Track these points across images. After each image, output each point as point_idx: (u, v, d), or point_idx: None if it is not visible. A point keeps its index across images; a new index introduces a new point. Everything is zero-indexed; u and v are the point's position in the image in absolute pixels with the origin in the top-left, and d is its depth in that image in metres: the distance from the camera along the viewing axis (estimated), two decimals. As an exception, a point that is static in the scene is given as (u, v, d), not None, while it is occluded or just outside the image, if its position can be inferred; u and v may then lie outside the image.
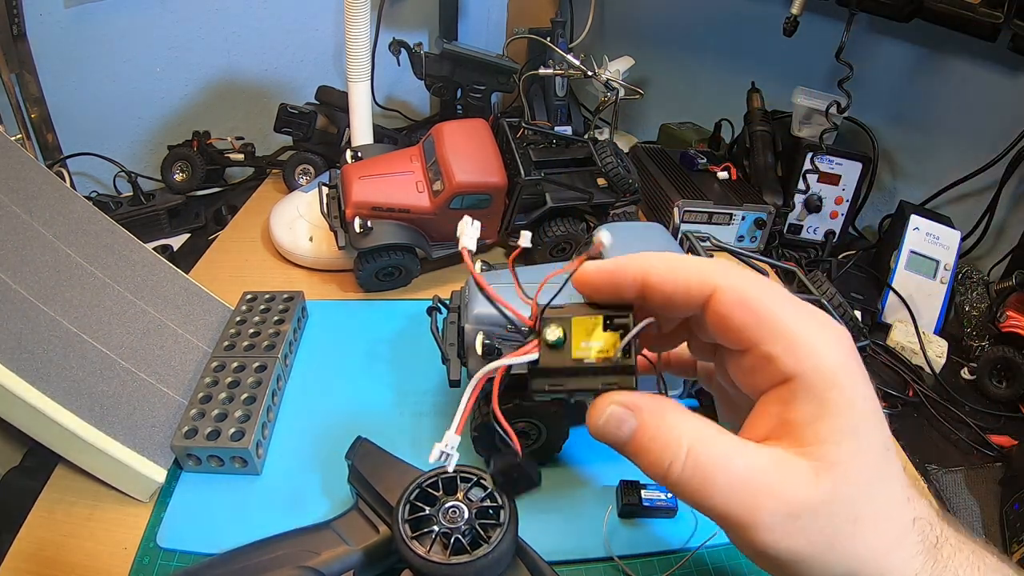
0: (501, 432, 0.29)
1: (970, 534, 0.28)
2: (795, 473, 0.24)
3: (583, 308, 0.27)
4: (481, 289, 0.29)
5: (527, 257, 0.77)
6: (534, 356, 0.26)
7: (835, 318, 0.53)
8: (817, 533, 0.24)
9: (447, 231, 0.72)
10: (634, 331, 0.26)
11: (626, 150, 0.95)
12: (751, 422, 0.27)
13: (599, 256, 0.28)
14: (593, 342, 0.26)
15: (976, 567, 0.26)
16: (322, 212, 0.72)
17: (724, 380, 0.31)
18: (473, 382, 0.28)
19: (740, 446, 0.25)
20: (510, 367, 0.27)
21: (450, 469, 0.29)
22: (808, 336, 0.25)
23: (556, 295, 0.27)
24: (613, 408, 0.26)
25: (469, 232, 0.32)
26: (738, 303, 0.25)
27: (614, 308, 0.27)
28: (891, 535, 0.25)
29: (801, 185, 0.85)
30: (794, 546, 0.24)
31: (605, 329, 0.26)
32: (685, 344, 0.31)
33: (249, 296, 0.65)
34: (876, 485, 0.25)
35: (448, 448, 0.28)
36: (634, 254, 0.27)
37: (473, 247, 0.31)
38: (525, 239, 0.32)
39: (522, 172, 0.68)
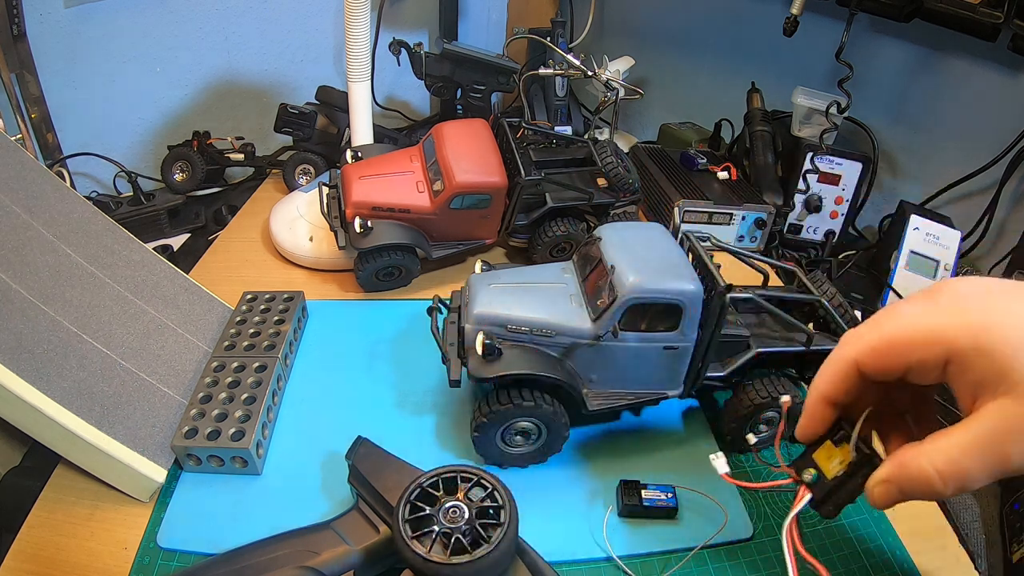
0: (810, 568, 0.35)
1: None
2: (1005, 412, 0.28)
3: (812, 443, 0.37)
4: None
5: (526, 257, 0.77)
6: (808, 497, 0.36)
7: (834, 318, 0.53)
8: None
9: (447, 231, 0.72)
10: (854, 435, 0.34)
11: (626, 150, 0.95)
12: (960, 400, 0.31)
13: None
14: (835, 460, 0.35)
15: None
16: (322, 212, 0.72)
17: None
18: (785, 532, 0.36)
19: (963, 430, 0.29)
20: (800, 511, 0.36)
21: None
22: (934, 324, 0.30)
23: (801, 455, 0.38)
24: (877, 491, 0.32)
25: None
26: (874, 356, 0.32)
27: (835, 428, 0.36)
28: None
29: (801, 185, 0.85)
30: None
31: (836, 445, 0.35)
32: None
33: (249, 296, 0.65)
34: None
35: None
36: (813, 399, 0.36)
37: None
38: (721, 464, 0.43)
39: (522, 172, 0.68)
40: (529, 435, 0.51)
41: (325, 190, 0.73)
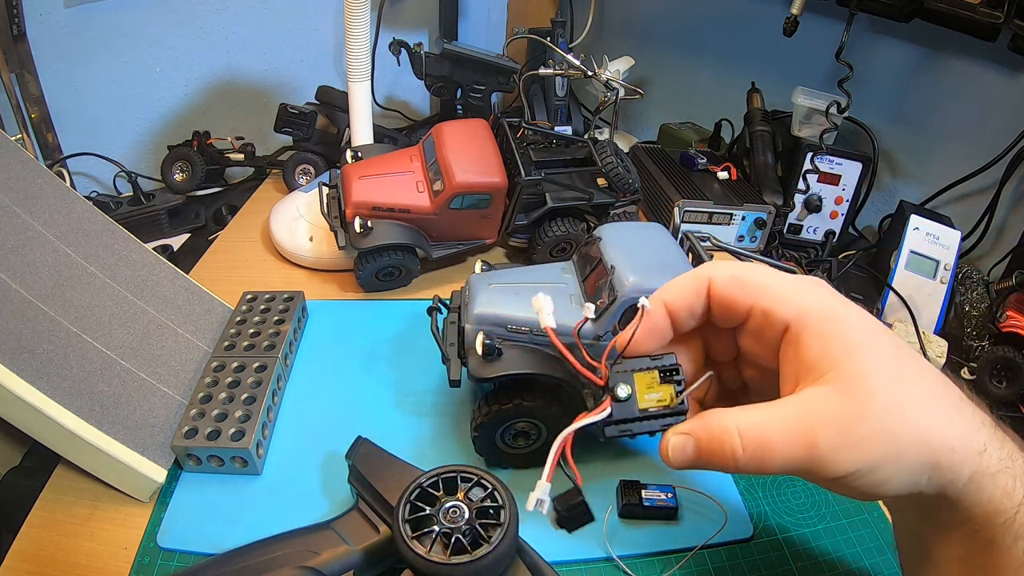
0: (568, 473, 0.34)
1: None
2: (823, 400, 0.28)
3: (638, 363, 0.33)
4: (561, 355, 0.35)
5: (526, 257, 0.77)
6: (607, 412, 0.32)
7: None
8: (877, 432, 0.27)
9: (447, 231, 0.72)
10: (694, 386, 0.33)
11: (626, 150, 0.95)
12: (783, 382, 0.31)
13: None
14: (653, 393, 0.33)
15: None
16: (322, 212, 0.72)
17: (752, 372, 0.36)
18: (559, 441, 0.33)
19: (775, 406, 0.29)
20: (586, 426, 0.32)
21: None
22: (790, 288, 0.31)
23: (616, 359, 0.33)
24: (674, 440, 0.31)
25: (547, 309, 0.37)
26: (730, 281, 0.32)
27: (665, 362, 0.33)
28: (945, 411, 0.28)
29: (801, 185, 0.85)
30: (863, 454, 0.27)
31: (662, 381, 0.33)
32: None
33: (249, 296, 0.65)
34: (907, 374, 0.28)
35: (543, 495, 0.33)
36: (652, 298, 0.34)
37: (553, 324, 0.36)
38: (589, 311, 0.39)
39: (522, 172, 0.68)
40: (529, 435, 0.51)
41: (325, 190, 0.73)
